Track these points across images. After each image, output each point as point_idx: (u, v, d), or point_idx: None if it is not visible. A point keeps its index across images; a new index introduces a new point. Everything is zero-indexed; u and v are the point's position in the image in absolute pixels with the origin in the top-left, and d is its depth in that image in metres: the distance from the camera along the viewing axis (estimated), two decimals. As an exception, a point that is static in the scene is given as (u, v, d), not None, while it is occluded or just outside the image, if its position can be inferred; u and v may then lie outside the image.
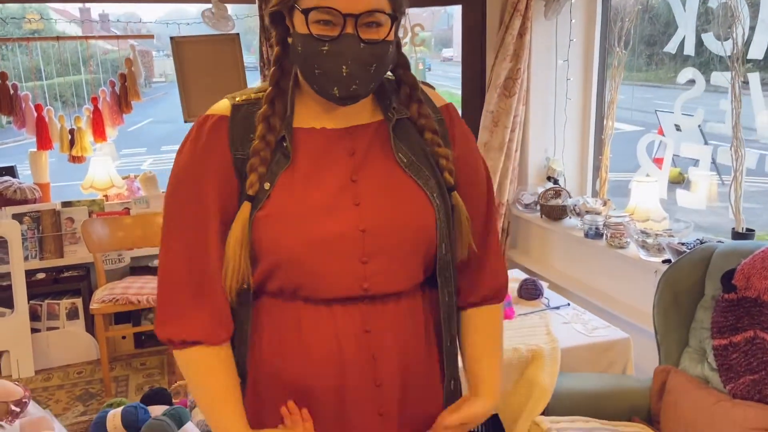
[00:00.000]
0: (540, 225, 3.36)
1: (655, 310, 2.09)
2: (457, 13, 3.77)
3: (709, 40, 2.57)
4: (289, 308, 1.05)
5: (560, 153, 3.47)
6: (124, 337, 3.70)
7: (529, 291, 2.52)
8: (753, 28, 2.43)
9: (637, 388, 2.05)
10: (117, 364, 3.55)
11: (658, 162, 2.97)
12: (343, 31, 0.95)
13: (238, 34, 3.70)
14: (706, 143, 2.86)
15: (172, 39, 3.67)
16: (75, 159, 3.82)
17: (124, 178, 3.93)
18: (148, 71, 16.49)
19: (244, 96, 1.07)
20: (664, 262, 2.54)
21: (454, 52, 19.59)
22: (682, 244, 2.46)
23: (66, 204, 3.67)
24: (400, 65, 1.09)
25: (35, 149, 3.79)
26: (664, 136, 2.94)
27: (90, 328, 3.58)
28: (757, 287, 1.82)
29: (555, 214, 3.26)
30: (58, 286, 3.59)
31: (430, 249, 1.06)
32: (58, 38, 3.86)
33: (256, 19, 3.57)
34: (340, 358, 1.04)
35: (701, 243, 2.39)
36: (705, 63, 2.73)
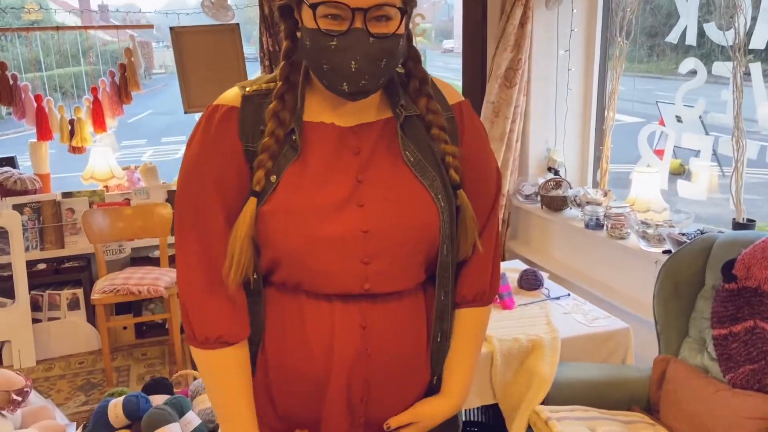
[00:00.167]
0: (540, 216, 3.36)
1: (655, 301, 2.10)
2: (458, 3, 3.75)
3: (711, 30, 2.56)
4: (292, 301, 1.06)
5: (561, 144, 3.46)
6: (125, 328, 3.71)
7: (530, 281, 2.52)
8: (755, 18, 2.42)
9: (637, 378, 2.05)
10: (118, 354, 3.56)
11: (659, 153, 2.97)
12: (351, 26, 0.93)
13: (238, 25, 3.69)
14: (707, 134, 2.86)
15: (171, 29, 3.66)
16: (75, 149, 3.82)
17: (124, 169, 3.93)
18: (148, 62, 16.46)
19: (254, 86, 1.05)
20: (665, 252, 2.54)
21: (455, 44, 19.53)
22: (683, 235, 2.46)
23: (66, 195, 3.67)
24: (411, 58, 1.07)
25: (35, 140, 3.79)
26: (665, 127, 2.94)
27: (91, 318, 3.60)
28: (758, 277, 1.82)
29: (555, 204, 3.26)
30: (59, 276, 3.61)
31: (432, 250, 1.06)
32: (57, 28, 3.85)
33: (256, 9, 3.56)
34: (330, 351, 1.04)
35: (702, 233, 2.39)
36: (706, 54, 2.72)
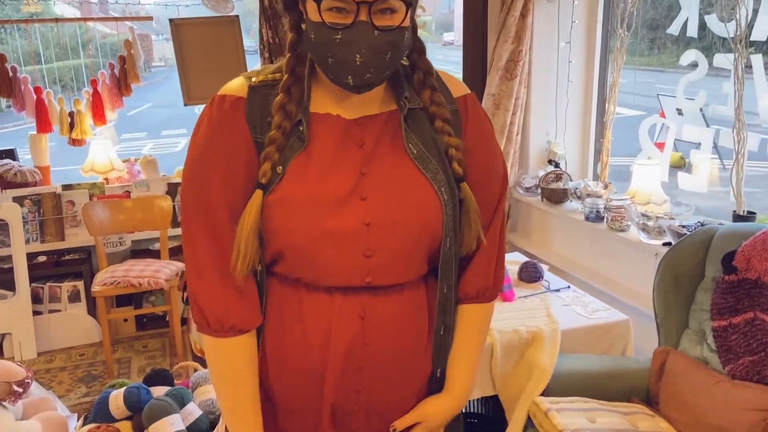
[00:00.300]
0: (541, 208, 3.36)
1: (655, 293, 2.10)
2: (458, -6, 3.73)
3: (712, 22, 2.55)
4: (292, 293, 1.06)
5: (561, 136, 3.45)
6: (126, 320, 3.72)
7: (530, 274, 2.52)
8: (756, 10, 2.41)
9: (637, 370, 2.06)
10: (119, 346, 3.57)
11: (660, 146, 2.97)
12: (356, 19, 0.93)
13: (238, 16, 3.68)
14: (708, 127, 2.85)
15: (171, 21, 3.65)
16: (75, 142, 3.81)
17: (124, 162, 3.92)
18: (148, 55, 16.40)
19: (261, 77, 1.04)
20: (665, 245, 2.54)
21: (455, 36, 19.47)
22: (683, 227, 2.46)
23: (66, 187, 3.67)
24: (416, 50, 1.07)
25: (35, 132, 3.78)
26: (666, 119, 2.93)
27: (92, 310, 3.60)
28: (758, 269, 1.82)
29: (556, 197, 3.26)
30: (60, 268, 3.61)
31: (435, 243, 1.06)
32: (56, 20, 3.84)
33: (256, 1, 3.55)
34: (327, 340, 1.04)
35: (702, 226, 2.39)
36: (707, 47, 2.71)
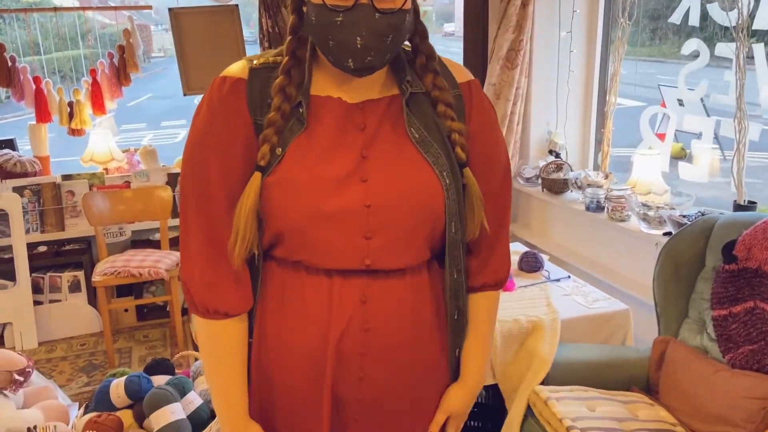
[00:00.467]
0: (541, 198, 3.35)
1: (655, 282, 2.10)
2: (459, -16, 3.71)
3: (714, 11, 2.54)
4: (293, 276, 1.06)
5: (562, 126, 3.44)
6: (127, 310, 3.72)
7: (530, 263, 2.52)
8: (758, -2, 2.40)
9: (637, 359, 2.06)
10: (120, 336, 3.57)
11: (661, 137, 2.96)
12: (357, 1, 0.92)
13: (237, 5, 3.67)
14: (708, 117, 2.84)
15: (170, 10, 3.63)
16: (74, 132, 3.80)
17: (124, 152, 3.91)
18: (147, 46, 16.35)
19: (262, 59, 1.04)
20: (665, 234, 2.54)
21: (456, 27, 19.40)
22: (684, 217, 2.46)
23: (66, 177, 3.66)
24: (418, 34, 1.06)
25: (34, 123, 3.77)
26: (667, 109, 2.92)
27: (92, 300, 3.60)
28: (758, 258, 1.82)
29: (556, 187, 3.25)
30: (60, 259, 3.61)
31: (437, 227, 1.05)
32: (55, 9, 3.83)
33: (256, -10, 3.53)
34: (327, 325, 1.04)
35: (702, 215, 2.39)
36: (709, 38, 2.70)
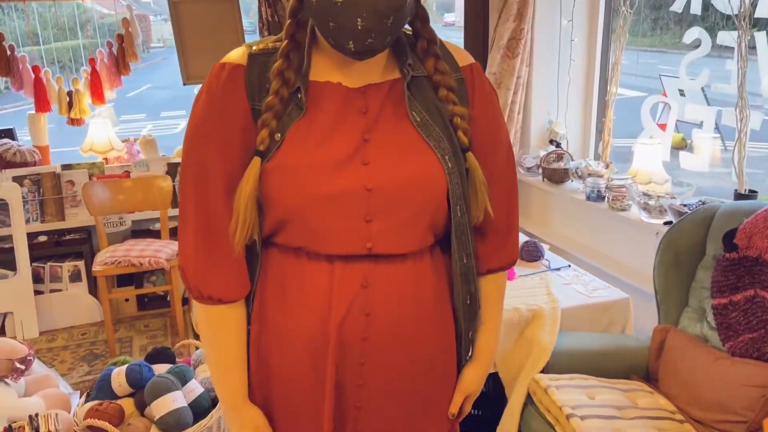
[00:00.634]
0: (541, 188, 3.35)
1: (655, 271, 2.10)
2: (459, -26, 3.69)
3: (716, -1, 2.53)
4: (293, 263, 1.06)
5: (563, 116, 3.44)
6: (127, 300, 3.73)
7: (530, 252, 2.52)
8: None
9: (636, 347, 2.07)
10: (120, 325, 3.58)
11: (662, 128, 2.95)
12: None
13: (237, -6, 3.64)
14: (709, 106, 2.83)
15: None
16: (74, 121, 3.79)
17: (123, 141, 3.91)
18: (146, 36, 16.29)
19: (261, 45, 1.04)
20: (666, 224, 2.54)
21: (456, 17, 19.31)
22: (684, 206, 2.45)
23: (66, 167, 3.66)
24: (419, 18, 1.05)
25: (33, 112, 3.76)
26: (668, 98, 2.91)
27: (93, 290, 3.61)
28: (759, 246, 1.82)
29: (557, 177, 3.25)
30: (60, 248, 3.61)
31: (439, 211, 1.05)
32: (54, -2, 3.80)
33: (255, -21, 3.51)
34: (328, 310, 1.04)
35: (703, 204, 2.38)
36: (711, 27, 2.69)
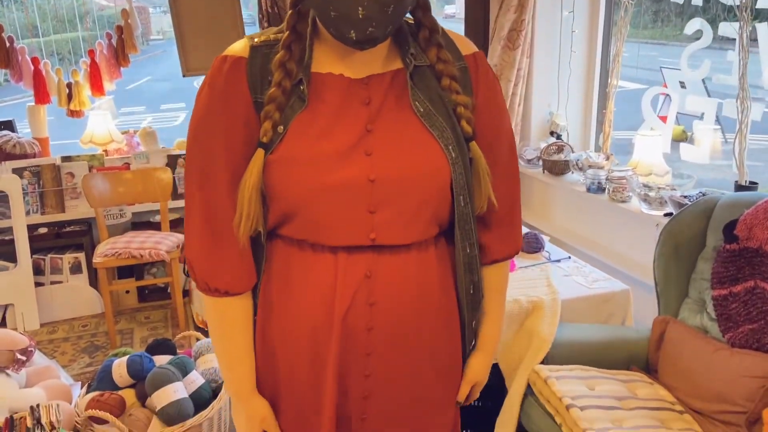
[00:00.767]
0: (542, 180, 3.35)
1: (655, 262, 2.10)
2: (460, -36, 3.68)
3: (718, -11, 2.52)
4: (298, 255, 1.06)
5: (564, 107, 3.43)
6: (128, 292, 3.73)
7: (531, 244, 2.52)
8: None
9: (636, 339, 2.07)
10: (121, 317, 3.59)
11: (663, 120, 2.95)
12: None
13: (237, -15, 3.63)
14: (710, 98, 2.83)
15: (169, -10, 3.59)
16: (73, 113, 3.79)
17: (123, 133, 3.90)
18: (145, 28, 16.23)
19: (263, 37, 1.04)
20: (666, 215, 2.54)
21: (456, 9, 19.25)
22: (685, 197, 2.45)
23: (66, 159, 3.65)
24: (420, 7, 1.05)
25: (33, 104, 3.75)
26: (669, 89, 2.91)
27: (93, 282, 3.61)
28: (759, 237, 1.82)
29: (557, 169, 3.24)
30: (61, 240, 3.61)
31: (443, 201, 1.05)
32: (52, -11, 3.79)
33: (255, -30, 3.49)
34: (332, 300, 1.04)
35: (704, 195, 2.38)
36: (712, 20, 2.68)
